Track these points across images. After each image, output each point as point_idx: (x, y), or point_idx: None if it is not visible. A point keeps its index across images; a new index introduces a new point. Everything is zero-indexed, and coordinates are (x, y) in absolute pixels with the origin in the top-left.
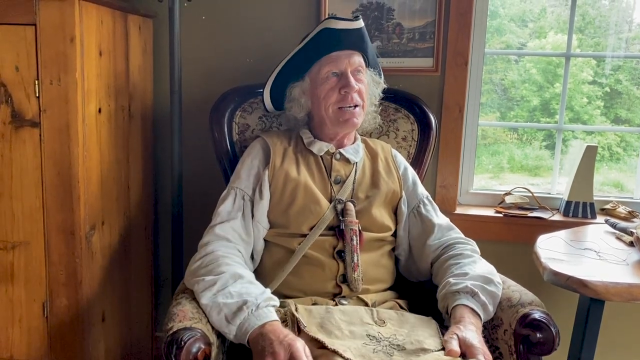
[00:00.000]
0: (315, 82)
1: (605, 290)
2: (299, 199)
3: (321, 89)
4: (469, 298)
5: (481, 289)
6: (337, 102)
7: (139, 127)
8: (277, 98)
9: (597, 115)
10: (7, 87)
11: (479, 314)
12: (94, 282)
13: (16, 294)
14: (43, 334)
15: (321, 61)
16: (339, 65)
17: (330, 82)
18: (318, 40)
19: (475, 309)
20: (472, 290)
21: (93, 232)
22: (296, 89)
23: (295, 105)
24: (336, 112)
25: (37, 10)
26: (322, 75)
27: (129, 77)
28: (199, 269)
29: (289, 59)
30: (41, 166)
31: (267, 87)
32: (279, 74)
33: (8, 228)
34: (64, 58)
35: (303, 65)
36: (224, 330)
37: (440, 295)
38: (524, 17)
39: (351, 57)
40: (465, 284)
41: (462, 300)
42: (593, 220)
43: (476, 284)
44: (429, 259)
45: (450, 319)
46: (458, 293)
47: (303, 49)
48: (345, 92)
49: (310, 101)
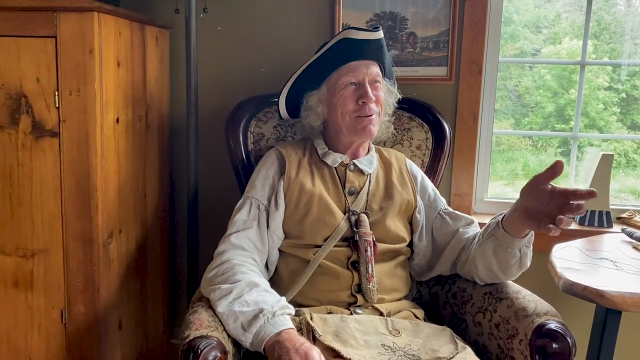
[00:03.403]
0: (333, 90)
1: (622, 300)
2: (314, 211)
3: (339, 97)
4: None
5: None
6: (354, 111)
7: (155, 136)
8: (292, 106)
9: (613, 121)
10: (28, 98)
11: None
12: (111, 290)
13: (35, 301)
14: (61, 341)
15: (339, 70)
16: (357, 75)
17: (348, 91)
18: (337, 49)
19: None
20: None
21: (110, 240)
22: (313, 98)
23: (312, 113)
24: (353, 120)
25: (57, 23)
26: (340, 84)
27: (146, 88)
28: (215, 277)
29: (306, 68)
30: (60, 175)
31: (283, 95)
32: (295, 83)
33: (28, 236)
34: (83, 69)
35: (320, 73)
36: (240, 339)
37: (482, 238)
38: (538, 23)
39: (369, 67)
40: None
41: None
42: (609, 229)
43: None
44: (460, 245)
45: (512, 219)
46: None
47: (321, 57)
48: (362, 102)
49: (327, 110)
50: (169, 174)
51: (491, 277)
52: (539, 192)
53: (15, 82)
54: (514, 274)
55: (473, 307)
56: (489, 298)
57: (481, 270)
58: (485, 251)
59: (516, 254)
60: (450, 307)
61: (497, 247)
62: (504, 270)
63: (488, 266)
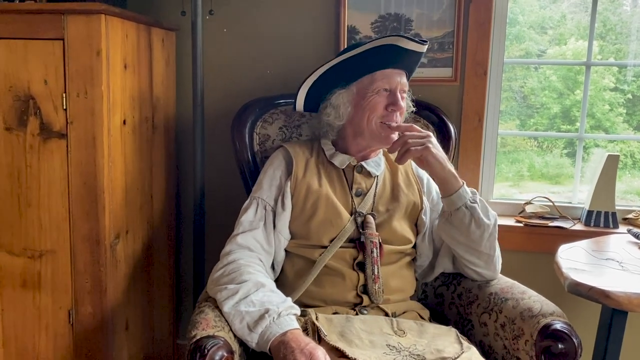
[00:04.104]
0: (364, 93)
1: (628, 301)
2: (320, 212)
3: (369, 101)
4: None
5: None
6: (382, 116)
7: (162, 138)
8: (308, 100)
9: (619, 122)
10: (36, 100)
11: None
12: (118, 290)
13: (43, 301)
14: (69, 341)
15: (375, 74)
16: (392, 82)
17: (380, 96)
18: (379, 53)
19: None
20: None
21: (117, 241)
22: (341, 97)
23: (335, 112)
24: (379, 126)
25: (65, 25)
26: (373, 88)
27: (152, 89)
28: (222, 278)
29: (337, 63)
30: (68, 176)
31: (305, 87)
32: (320, 77)
33: (36, 237)
34: (90, 71)
35: (352, 73)
36: (246, 338)
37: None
38: (544, 24)
39: (402, 76)
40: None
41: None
42: (615, 230)
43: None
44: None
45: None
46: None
47: (358, 56)
48: (392, 110)
49: (354, 111)
50: (175, 175)
51: (468, 251)
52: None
53: (23, 84)
54: (481, 236)
55: (479, 307)
56: (495, 298)
57: (458, 251)
58: (445, 227)
59: (465, 212)
60: (456, 307)
61: (448, 217)
62: (468, 236)
63: (455, 240)
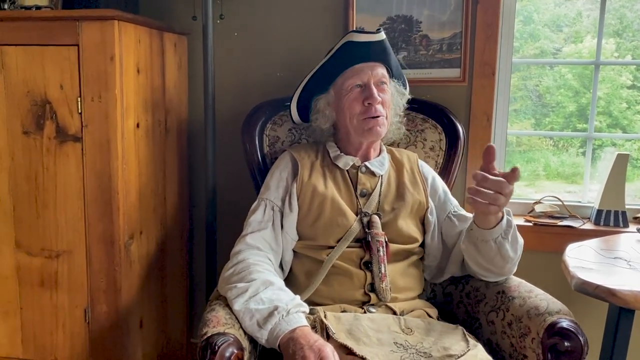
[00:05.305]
0: (340, 94)
1: (635, 299)
2: (326, 213)
3: (345, 100)
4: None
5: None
6: (361, 113)
7: (174, 140)
8: (304, 110)
9: (636, 120)
10: (52, 104)
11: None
12: (132, 290)
13: (60, 300)
14: (84, 339)
15: (345, 74)
16: (362, 77)
17: (354, 93)
18: (341, 53)
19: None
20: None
21: (131, 241)
22: (321, 101)
23: (321, 116)
24: (360, 122)
25: (80, 31)
26: (346, 87)
27: (165, 93)
28: (232, 277)
29: (314, 73)
30: (83, 179)
31: (294, 101)
32: (305, 87)
33: (53, 238)
34: (104, 76)
35: (327, 78)
36: (256, 335)
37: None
38: (559, 22)
39: (374, 69)
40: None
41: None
42: (625, 229)
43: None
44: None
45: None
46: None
47: (327, 62)
48: (368, 104)
49: (335, 112)
50: (187, 176)
51: (486, 271)
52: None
53: (40, 89)
54: (503, 266)
55: (486, 306)
56: (502, 297)
57: (474, 267)
58: (468, 247)
59: (492, 245)
60: (464, 306)
61: (475, 241)
62: (491, 263)
63: (475, 261)
